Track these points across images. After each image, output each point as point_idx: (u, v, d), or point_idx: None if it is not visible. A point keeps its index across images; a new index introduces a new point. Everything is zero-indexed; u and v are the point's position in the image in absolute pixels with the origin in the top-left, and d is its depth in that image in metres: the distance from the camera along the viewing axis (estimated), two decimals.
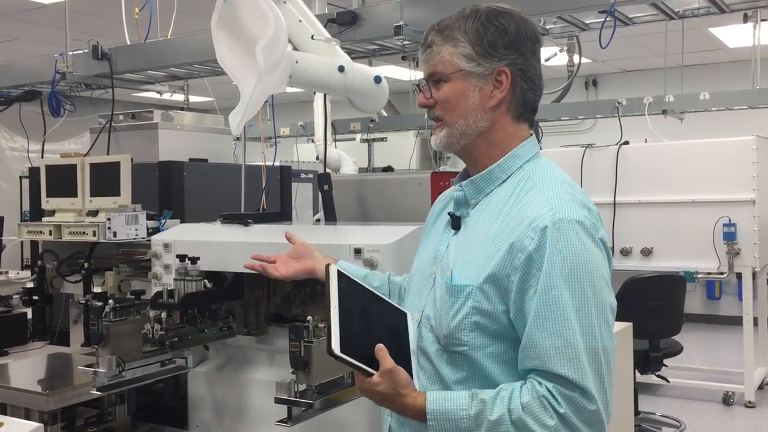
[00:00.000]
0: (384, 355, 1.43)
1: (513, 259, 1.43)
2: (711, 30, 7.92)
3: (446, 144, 1.59)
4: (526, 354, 1.41)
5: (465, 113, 1.56)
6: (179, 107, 6.23)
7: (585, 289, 1.40)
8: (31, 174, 3.82)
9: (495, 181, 1.57)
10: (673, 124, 7.01)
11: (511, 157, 1.58)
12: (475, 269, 1.48)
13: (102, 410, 2.66)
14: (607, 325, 1.43)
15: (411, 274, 1.74)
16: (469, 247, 1.53)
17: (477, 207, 1.58)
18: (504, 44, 1.53)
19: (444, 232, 1.63)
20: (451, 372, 1.50)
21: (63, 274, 3.15)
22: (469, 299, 1.47)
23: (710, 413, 5.61)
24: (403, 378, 1.44)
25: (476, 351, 1.46)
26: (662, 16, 2.81)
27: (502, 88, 1.55)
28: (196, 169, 3.46)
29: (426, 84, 1.60)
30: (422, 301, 1.60)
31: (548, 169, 1.58)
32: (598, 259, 1.45)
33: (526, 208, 1.47)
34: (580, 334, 1.38)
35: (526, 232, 1.43)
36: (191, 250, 2.56)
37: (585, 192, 1.56)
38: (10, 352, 3.14)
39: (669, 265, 5.89)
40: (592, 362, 1.38)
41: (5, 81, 4.20)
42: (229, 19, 2.35)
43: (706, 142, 6.04)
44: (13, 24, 7.40)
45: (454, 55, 1.54)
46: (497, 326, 1.45)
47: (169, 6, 3.87)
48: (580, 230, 1.43)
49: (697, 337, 8.02)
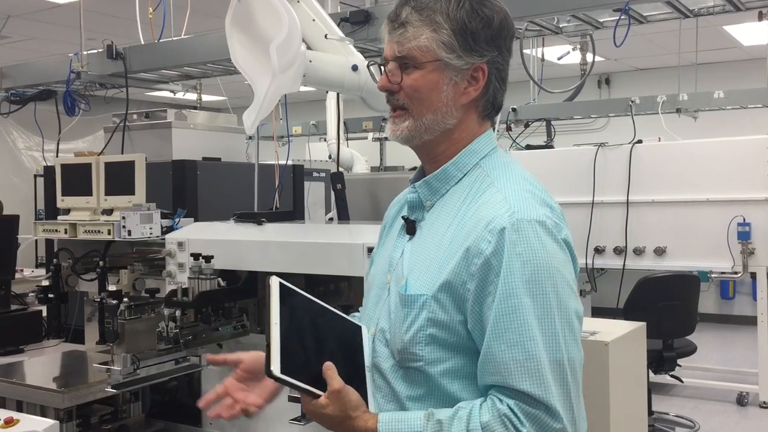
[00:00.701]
0: (332, 374, 1.30)
1: (469, 264, 1.31)
2: (725, 28, 7.86)
3: (407, 137, 1.44)
4: (485, 369, 1.30)
5: (435, 107, 1.41)
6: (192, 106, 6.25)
7: (547, 295, 1.28)
8: (47, 173, 3.84)
9: (450, 180, 1.45)
10: (687, 123, 6.96)
11: (466, 153, 1.45)
12: (430, 277, 1.36)
13: (116, 408, 2.67)
14: (573, 334, 1.32)
15: (368, 285, 1.59)
16: (424, 253, 1.42)
17: (432, 209, 1.46)
18: (486, 38, 1.40)
19: (398, 237, 1.51)
20: (406, 389, 1.38)
21: (78, 273, 3.17)
22: (423, 310, 1.35)
23: (724, 414, 5.57)
24: (353, 399, 1.31)
25: (433, 366, 1.35)
26: (677, 15, 2.79)
27: (477, 86, 1.43)
28: (209, 168, 3.47)
29: (392, 66, 1.43)
30: (377, 313, 1.48)
31: (507, 164, 1.46)
32: (561, 261, 1.32)
33: (482, 208, 1.36)
34: (543, 346, 1.26)
35: (483, 235, 1.31)
36: (205, 248, 2.57)
37: (546, 189, 1.45)
38: (25, 349, 3.16)
39: (683, 265, 5.85)
40: (556, 376, 1.27)
41: (21, 80, 4.22)
42: (243, 18, 2.36)
43: (720, 141, 5.99)
44: (28, 24, 7.45)
45: (434, 41, 1.39)
46: (455, 338, 1.34)
47: (182, 5, 3.88)
48: (541, 231, 1.31)
49: (711, 337, 7.97)
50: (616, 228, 6.17)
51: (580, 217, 6.32)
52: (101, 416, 2.64)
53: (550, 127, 7.40)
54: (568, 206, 6.39)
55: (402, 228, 1.50)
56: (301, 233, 2.66)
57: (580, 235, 6.35)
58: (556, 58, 6.11)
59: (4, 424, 2.21)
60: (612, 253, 6.23)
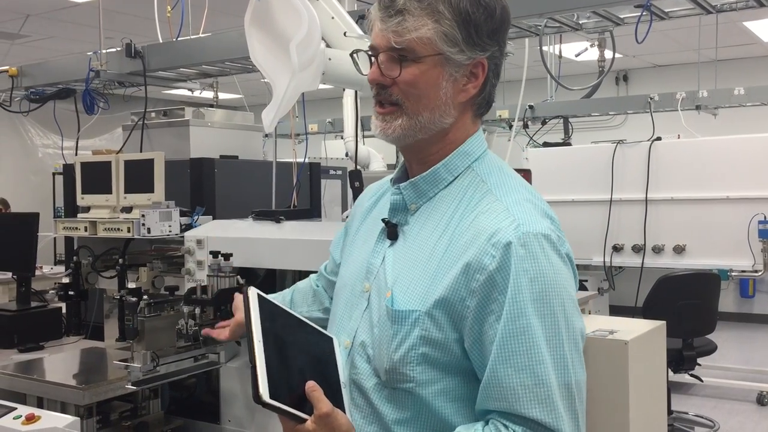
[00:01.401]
0: (319, 396, 1.19)
1: (469, 280, 1.21)
2: (745, 24, 7.78)
3: (400, 136, 1.32)
4: (489, 393, 1.20)
5: (432, 105, 1.30)
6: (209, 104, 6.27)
7: (556, 315, 1.20)
8: (66, 171, 3.87)
9: (440, 183, 1.34)
10: (707, 120, 6.90)
11: (458, 155, 1.34)
12: (421, 291, 1.25)
13: (136, 404, 2.68)
14: (579, 354, 1.24)
15: (337, 289, 1.48)
16: (411, 262, 1.30)
17: (418, 213, 1.34)
18: (488, 31, 1.29)
19: (378, 241, 1.38)
20: (392, 411, 1.27)
21: (98, 270, 3.19)
22: (415, 327, 1.24)
23: (744, 413, 5.52)
24: (342, 423, 1.20)
25: (424, 387, 1.24)
26: (699, 11, 2.76)
27: (476, 82, 1.32)
28: (226, 165, 3.48)
29: (384, 57, 1.30)
30: (353, 323, 1.36)
31: (502, 169, 1.36)
32: (567, 278, 1.25)
33: (481, 218, 1.25)
34: (552, 369, 1.18)
35: (486, 249, 1.21)
36: (224, 246, 2.58)
37: (542, 197, 1.35)
38: (45, 346, 3.19)
39: (702, 263, 5.80)
40: (565, 400, 1.19)
41: (40, 79, 4.25)
42: (262, 16, 2.36)
43: (740, 138, 5.93)
44: (47, 23, 7.50)
45: (437, 33, 1.26)
46: (449, 357, 1.24)
47: (200, 4, 3.89)
48: (547, 245, 1.22)
49: (731, 335, 7.90)
50: (634, 226, 6.13)
51: (599, 214, 6.28)
52: (121, 413, 2.65)
53: (568, 124, 7.36)
54: (586, 204, 6.42)
55: (382, 232, 1.38)
56: (319, 231, 2.65)
57: (598, 232, 6.32)
58: (573, 55, 6.07)
59: (25, 420, 2.23)
60: (631, 251, 6.19)
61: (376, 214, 1.45)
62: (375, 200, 1.50)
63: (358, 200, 1.57)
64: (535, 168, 6.61)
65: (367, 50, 1.35)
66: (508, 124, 6.68)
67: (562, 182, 6.53)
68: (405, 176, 1.40)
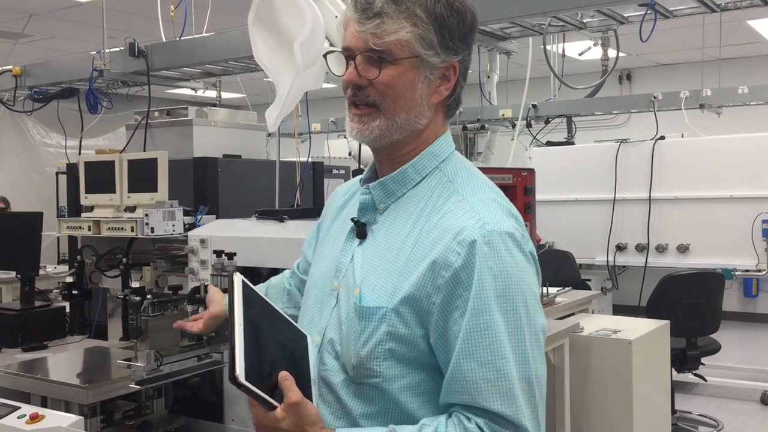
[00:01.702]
0: (290, 385, 1.21)
1: (435, 277, 1.24)
2: (749, 22, 7.76)
3: (378, 137, 1.34)
4: (453, 387, 1.24)
5: (408, 106, 1.33)
6: (212, 103, 6.28)
7: (518, 311, 1.24)
8: (69, 170, 3.87)
9: (408, 183, 1.37)
10: (711, 119, 6.88)
11: (426, 155, 1.37)
12: (389, 288, 1.29)
13: (140, 404, 2.69)
14: (540, 350, 1.28)
15: (307, 287, 1.50)
16: (379, 260, 1.33)
17: (387, 212, 1.37)
18: (460, 36, 1.34)
19: (347, 240, 1.41)
20: (359, 406, 1.30)
21: (101, 269, 3.19)
22: (382, 323, 1.27)
23: (748, 413, 5.51)
24: (311, 413, 1.23)
25: (391, 383, 1.27)
26: (703, 9, 2.75)
27: (448, 84, 1.36)
28: (230, 165, 3.48)
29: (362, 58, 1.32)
30: (323, 321, 1.38)
31: (468, 169, 1.39)
32: (530, 275, 1.28)
33: (448, 217, 1.28)
34: (513, 363, 1.22)
35: (451, 246, 1.24)
36: (227, 245, 2.58)
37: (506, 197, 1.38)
38: (49, 345, 3.19)
39: (706, 262, 5.80)
40: (526, 394, 1.23)
41: (43, 79, 4.26)
42: (266, 15, 2.36)
43: (744, 137, 5.92)
44: (50, 22, 7.51)
45: (414, 36, 1.29)
46: (414, 353, 1.27)
47: (203, 3, 3.89)
48: (511, 243, 1.25)
49: (735, 335, 7.88)
50: (638, 225, 6.12)
51: (602, 214, 6.28)
52: (124, 412, 2.65)
53: (571, 123, 7.35)
54: (589, 203, 6.41)
55: (351, 231, 1.41)
56: None
57: (601, 232, 6.31)
58: (577, 54, 6.06)
59: (29, 419, 2.23)
60: (634, 251, 6.18)
61: (345, 214, 1.48)
62: (345, 200, 1.53)
63: (329, 200, 1.60)
64: (538, 167, 6.55)
65: (341, 51, 1.36)
66: (511, 123, 6.66)
67: (566, 181, 6.53)
68: (374, 176, 1.43)
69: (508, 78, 6.66)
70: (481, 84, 6.35)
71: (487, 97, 6.50)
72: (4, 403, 2.36)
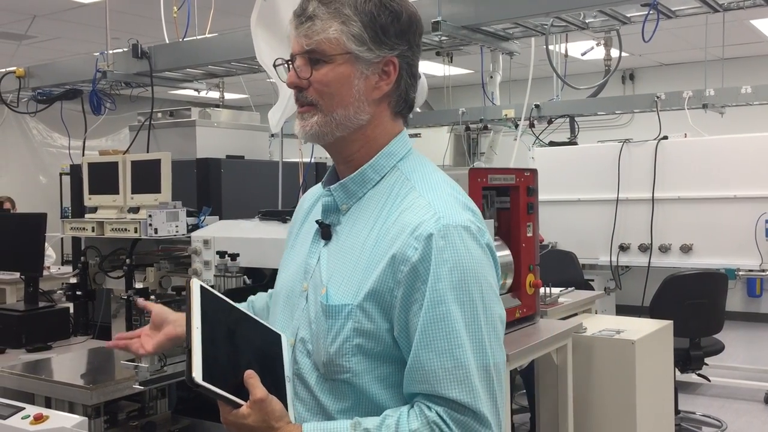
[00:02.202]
0: (255, 382, 1.25)
1: (395, 272, 1.29)
2: (752, 22, 7.74)
3: (318, 133, 1.39)
4: (413, 377, 1.28)
5: (346, 102, 1.37)
6: (215, 104, 6.29)
7: (474, 301, 1.28)
8: (73, 171, 3.88)
9: (367, 183, 1.41)
10: (714, 119, 6.88)
11: (383, 155, 1.41)
12: (353, 285, 1.33)
13: (143, 404, 2.69)
14: (498, 338, 1.32)
15: (277, 291, 1.54)
16: (343, 259, 1.37)
17: (349, 213, 1.42)
18: (395, 32, 1.38)
19: (313, 242, 1.45)
20: (333, 402, 1.34)
21: (105, 270, 3.20)
22: (348, 320, 1.31)
23: (751, 413, 5.50)
24: (276, 409, 1.26)
25: (360, 377, 1.32)
26: (706, 9, 2.75)
27: (389, 80, 1.39)
28: (233, 165, 3.49)
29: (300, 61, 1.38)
30: (295, 322, 1.42)
31: (425, 167, 1.43)
32: (486, 267, 1.32)
33: (406, 213, 1.33)
34: (471, 352, 1.26)
35: (409, 242, 1.29)
36: (231, 246, 2.58)
37: (464, 191, 1.42)
38: (53, 346, 3.19)
39: (709, 262, 5.79)
40: (483, 382, 1.27)
41: (47, 80, 4.27)
42: (268, 16, 2.36)
43: (747, 137, 5.91)
44: (53, 23, 7.53)
45: (343, 34, 1.35)
46: (381, 347, 1.31)
47: (206, 4, 3.90)
48: (467, 236, 1.30)
49: (738, 335, 7.87)
50: (641, 225, 6.12)
51: (605, 214, 6.27)
52: (128, 413, 2.65)
53: (574, 123, 7.34)
54: (592, 203, 6.41)
55: (316, 233, 1.45)
56: None
57: (605, 232, 6.31)
58: (579, 54, 6.07)
59: (33, 420, 2.23)
60: (637, 251, 6.18)
61: (312, 217, 1.51)
62: (311, 204, 1.56)
63: (298, 205, 1.63)
64: (541, 167, 6.55)
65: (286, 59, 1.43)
66: (514, 123, 6.66)
67: (569, 181, 6.52)
68: (335, 178, 1.47)
69: (511, 78, 6.66)
70: (484, 84, 6.35)
71: (490, 97, 6.50)
72: (9, 404, 2.36)
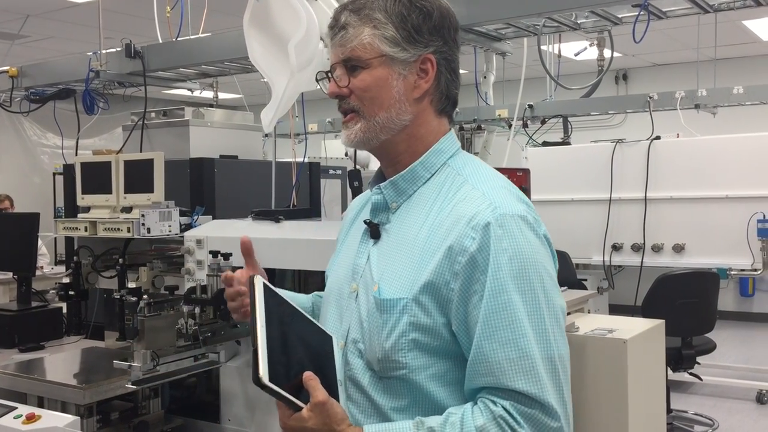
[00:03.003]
0: (315, 384, 1.22)
1: (452, 263, 1.26)
2: (744, 23, 7.78)
3: (363, 139, 1.39)
4: (476, 370, 1.25)
5: (387, 104, 1.37)
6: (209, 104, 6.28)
7: (536, 290, 1.25)
8: (66, 171, 3.87)
9: (418, 180, 1.41)
10: (706, 119, 6.90)
11: (434, 152, 1.41)
12: (408, 279, 1.31)
13: (136, 404, 2.69)
14: (561, 329, 1.29)
15: (326, 296, 1.52)
16: (395, 255, 1.35)
17: (399, 211, 1.41)
18: (428, 29, 1.38)
19: (361, 242, 1.44)
20: (389, 401, 1.31)
21: (98, 270, 3.20)
22: (404, 314, 1.29)
23: (743, 412, 5.53)
24: (338, 412, 1.23)
25: (417, 373, 1.29)
26: (697, 10, 2.76)
27: (428, 77, 1.39)
28: (226, 165, 3.49)
29: (339, 70, 1.40)
30: (345, 324, 1.40)
31: (475, 162, 1.44)
32: (545, 256, 1.31)
33: (461, 204, 1.31)
34: (535, 343, 1.23)
35: (466, 232, 1.27)
36: (223, 246, 2.58)
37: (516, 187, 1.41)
38: (45, 346, 3.19)
39: (701, 262, 5.81)
40: (549, 373, 1.23)
41: (40, 79, 4.26)
42: (261, 16, 2.37)
43: (739, 137, 5.94)
44: (46, 23, 7.51)
45: (376, 37, 1.36)
46: (438, 342, 1.29)
47: (200, 4, 3.90)
48: (524, 226, 1.28)
49: (730, 334, 7.90)
50: (634, 225, 6.14)
51: (598, 214, 6.29)
52: (121, 412, 2.66)
53: (567, 123, 7.36)
54: (585, 203, 6.43)
55: (365, 233, 1.44)
56: (318, 231, 2.66)
57: (597, 231, 6.33)
58: (572, 54, 6.08)
59: (26, 419, 2.24)
60: (630, 250, 6.20)
61: (359, 221, 1.50)
62: (358, 210, 1.56)
63: (344, 215, 1.63)
64: (534, 167, 6.59)
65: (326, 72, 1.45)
66: (507, 123, 6.67)
67: (562, 181, 6.54)
68: (382, 180, 1.46)
69: (504, 78, 6.67)
70: (477, 84, 6.36)
71: (483, 97, 6.51)
72: (1, 404, 2.37)
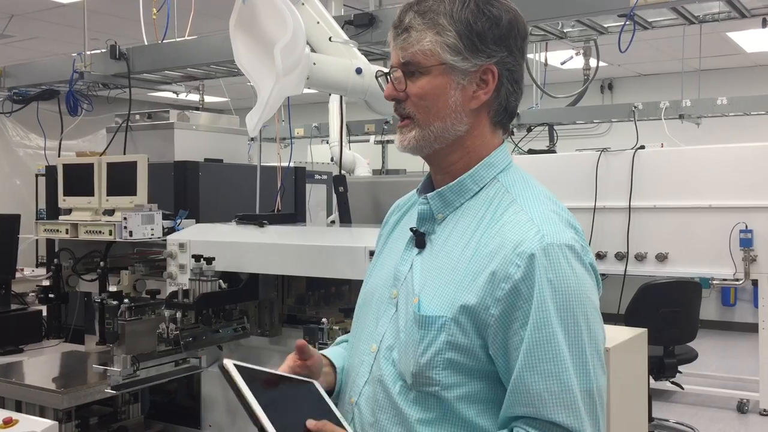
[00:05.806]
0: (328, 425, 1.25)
1: (494, 289, 1.25)
2: (729, 34, 7.86)
3: (416, 147, 1.38)
4: (516, 399, 1.25)
5: (443, 114, 1.35)
6: (194, 107, 6.26)
7: (579, 323, 1.25)
8: (48, 172, 3.84)
9: (466, 193, 1.38)
10: (690, 129, 6.97)
11: (484, 166, 1.38)
12: (448, 297, 1.30)
13: (116, 409, 2.67)
14: (600, 361, 1.29)
15: (365, 296, 1.51)
16: (438, 270, 1.34)
17: (445, 222, 1.39)
18: (494, 38, 1.34)
19: (406, 249, 1.42)
20: (417, 412, 1.31)
21: (79, 273, 3.17)
22: (442, 332, 1.28)
23: (724, 421, 5.56)
24: None
25: (449, 391, 1.28)
26: (682, 21, 2.79)
27: (487, 89, 1.36)
28: (211, 169, 3.47)
29: (398, 73, 1.37)
30: (380, 329, 1.40)
31: (526, 180, 1.40)
32: (590, 288, 1.30)
33: (507, 228, 1.29)
34: (575, 376, 1.23)
35: (511, 259, 1.25)
36: (206, 250, 2.57)
37: (566, 207, 1.38)
38: (25, 349, 3.16)
39: (684, 271, 5.84)
40: (587, 406, 1.24)
41: (23, 80, 4.22)
42: (247, 20, 2.35)
43: (723, 148, 5.98)
44: (31, 23, 7.45)
45: (438, 44, 1.33)
46: (474, 362, 1.28)
47: (186, 6, 3.88)
48: (571, 256, 1.27)
49: (712, 343, 7.95)
50: (617, 234, 6.16)
51: (582, 222, 6.21)
52: (100, 417, 2.63)
53: (553, 131, 7.40)
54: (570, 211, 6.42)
55: (410, 240, 1.42)
56: (303, 236, 2.65)
57: None
58: (559, 63, 6.11)
59: (3, 424, 2.20)
60: (614, 259, 6.22)
61: (403, 225, 1.49)
62: (402, 213, 1.55)
63: (387, 215, 1.60)
64: None
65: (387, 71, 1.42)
66: None
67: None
68: (431, 186, 1.44)
69: None
70: None
71: None
72: None
